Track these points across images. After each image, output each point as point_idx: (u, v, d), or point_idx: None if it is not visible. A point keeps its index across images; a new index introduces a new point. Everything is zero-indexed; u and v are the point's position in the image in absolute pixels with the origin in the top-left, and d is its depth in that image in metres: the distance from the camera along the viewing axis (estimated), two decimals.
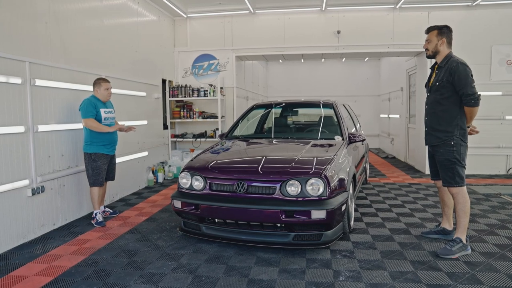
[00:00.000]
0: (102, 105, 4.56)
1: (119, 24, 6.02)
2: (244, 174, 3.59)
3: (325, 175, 3.41)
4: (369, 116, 13.06)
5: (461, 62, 3.34)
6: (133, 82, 6.33)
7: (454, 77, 3.30)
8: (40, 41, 4.23)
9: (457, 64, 3.31)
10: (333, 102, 5.15)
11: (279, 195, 3.40)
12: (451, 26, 3.54)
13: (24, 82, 3.92)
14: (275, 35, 8.00)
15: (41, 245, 3.84)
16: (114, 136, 4.67)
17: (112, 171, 4.83)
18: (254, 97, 10.87)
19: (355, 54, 8.54)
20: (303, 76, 13.58)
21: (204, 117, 8.16)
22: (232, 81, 8.33)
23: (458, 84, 3.29)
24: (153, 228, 4.35)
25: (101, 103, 4.56)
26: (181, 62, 8.42)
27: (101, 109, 4.49)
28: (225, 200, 3.52)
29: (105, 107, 4.60)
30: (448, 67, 3.37)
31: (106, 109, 4.59)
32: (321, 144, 4.42)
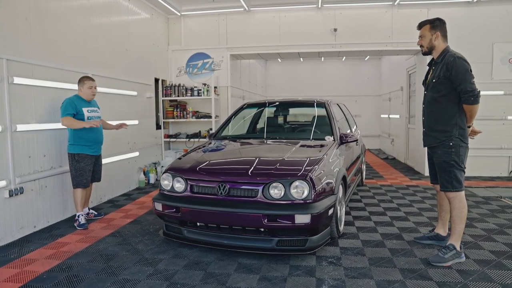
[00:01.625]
0: (86, 104, 4.41)
1: (108, 22, 5.88)
2: (226, 175, 3.42)
3: (311, 178, 3.24)
4: (370, 116, 12.86)
5: (458, 56, 3.12)
6: (123, 81, 6.19)
7: (452, 73, 3.08)
8: (20, 37, 4.09)
9: (454, 59, 3.10)
10: (325, 102, 4.98)
11: (262, 198, 3.24)
12: (451, 23, 3.35)
13: (1, 80, 3.79)
14: (271, 33, 7.83)
15: (18, 249, 3.70)
16: (98, 135, 4.50)
17: (98, 172, 4.67)
18: (251, 96, 10.71)
19: (352, 53, 8.36)
20: (303, 75, 13.40)
21: (198, 117, 8.01)
22: (227, 80, 8.17)
23: (455, 79, 3.07)
24: (136, 231, 4.20)
25: (84, 102, 4.41)
26: (175, 61, 8.27)
27: (83, 108, 4.34)
28: (206, 203, 3.36)
29: (89, 105, 4.46)
30: (445, 62, 3.16)
31: (89, 108, 4.44)
32: (311, 144, 4.25)
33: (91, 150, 4.39)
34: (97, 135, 4.48)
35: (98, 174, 4.69)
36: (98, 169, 4.66)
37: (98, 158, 4.63)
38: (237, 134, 5.16)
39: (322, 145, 4.17)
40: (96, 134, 4.47)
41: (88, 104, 4.46)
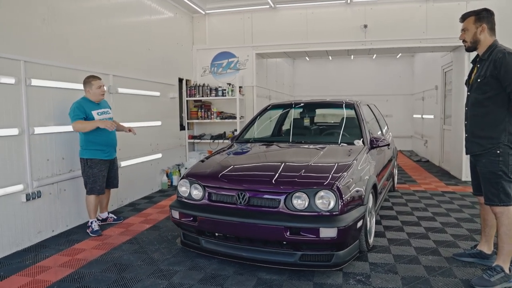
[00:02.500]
0: (95, 106, 4.19)
1: (130, 21, 5.78)
2: (246, 183, 3.19)
3: (338, 187, 2.96)
4: (401, 116, 12.31)
5: (509, 52, 2.71)
6: (145, 81, 6.07)
7: (500, 71, 2.70)
8: (38, 39, 4.01)
9: (504, 55, 2.70)
10: (354, 102, 4.66)
11: (284, 209, 2.99)
12: (498, 15, 2.96)
13: (18, 82, 3.71)
14: (297, 31, 7.54)
15: (33, 255, 3.62)
16: (111, 138, 4.29)
17: (114, 177, 4.48)
18: (278, 96, 10.44)
19: (383, 50, 7.95)
20: (331, 74, 12.99)
21: (223, 118, 7.82)
22: (252, 80, 7.94)
23: (505, 79, 2.68)
24: (154, 238, 4.04)
25: (93, 104, 4.19)
26: (199, 61, 8.13)
27: (93, 111, 4.14)
28: (224, 212, 3.14)
29: (99, 107, 4.23)
30: (492, 58, 2.77)
31: (99, 110, 4.21)
32: (339, 149, 3.96)
33: (104, 155, 4.20)
34: (109, 138, 4.27)
35: (115, 180, 4.50)
36: (114, 174, 4.46)
37: (113, 162, 4.42)
38: (260, 137, 4.92)
39: (351, 150, 3.87)
40: (109, 136, 4.26)
41: (97, 106, 4.24)
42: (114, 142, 4.37)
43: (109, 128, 4.06)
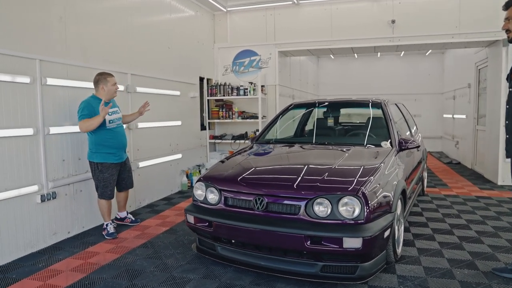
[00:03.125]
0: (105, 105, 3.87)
1: (149, 19, 5.69)
2: (263, 187, 2.99)
3: (363, 193, 2.72)
4: (430, 116, 11.81)
5: None
6: (165, 80, 5.97)
7: None
8: (54, 37, 3.95)
9: None
10: (381, 101, 4.38)
11: (305, 215, 2.77)
12: None
13: (34, 81, 3.64)
14: (322, 28, 7.28)
15: (47, 257, 3.54)
16: (121, 141, 4.10)
17: (127, 178, 4.30)
18: (302, 95, 10.18)
19: (412, 47, 7.56)
20: (357, 73, 12.60)
21: (244, 118, 7.66)
22: (275, 79, 7.73)
23: None
24: (170, 242, 3.91)
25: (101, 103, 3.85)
26: (221, 59, 7.98)
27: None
28: (240, 218, 2.95)
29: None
30: None
31: (110, 110, 3.95)
32: (365, 151, 3.71)
33: (115, 158, 4.01)
34: (120, 140, 4.08)
35: (129, 180, 4.32)
36: (127, 175, 4.27)
37: (125, 164, 4.22)
38: (281, 138, 4.72)
39: (378, 152, 3.61)
40: (119, 139, 4.07)
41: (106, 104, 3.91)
42: (124, 144, 4.18)
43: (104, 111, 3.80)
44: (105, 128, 3.91)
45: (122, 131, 4.18)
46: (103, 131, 3.91)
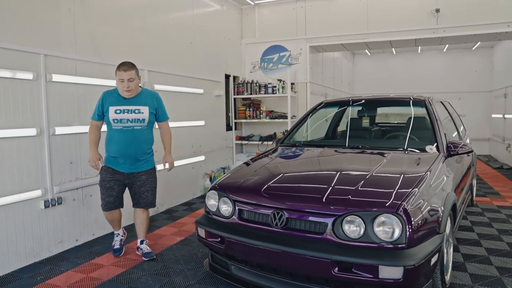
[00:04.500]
0: (119, 101, 3.27)
1: (170, 12, 5.35)
2: (283, 200, 2.53)
3: (404, 210, 2.20)
4: (476, 116, 10.84)
5: None
6: (187, 77, 5.61)
7: None
8: (62, 30, 3.67)
9: None
10: (425, 99, 3.80)
11: (332, 235, 2.29)
12: None
13: (37, 78, 3.37)
14: (356, 20, 6.69)
15: (48, 268, 3.25)
16: (123, 147, 3.26)
17: (139, 195, 3.39)
18: (335, 94, 9.59)
19: (459, 38, 6.79)
20: (395, 70, 11.81)
21: (272, 117, 7.19)
22: (306, 76, 7.22)
23: None
24: (182, 255, 3.52)
25: (119, 98, 3.29)
26: (248, 55, 7.56)
27: (111, 107, 3.24)
28: (255, 235, 2.51)
29: (123, 103, 3.27)
30: None
31: (121, 107, 3.25)
32: (406, 157, 3.16)
33: (114, 164, 3.32)
34: (121, 146, 3.26)
35: (141, 198, 3.40)
36: (137, 191, 3.38)
37: (134, 178, 3.35)
38: (310, 140, 4.23)
39: (423, 159, 3.05)
40: (121, 145, 3.26)
41: (124, 101, 3.28)
42: (126, 152, 3.28)
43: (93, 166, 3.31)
44: (110, 127, 3.32)
45: (133, 137, 3.28)
46: (109, 130, 3.34)
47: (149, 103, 3.36)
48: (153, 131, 3.48)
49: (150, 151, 3.46)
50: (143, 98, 3.36)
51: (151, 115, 3.36)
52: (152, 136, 3.47)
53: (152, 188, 3.46)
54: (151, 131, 3.46)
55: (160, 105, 3.47)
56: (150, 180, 3.43)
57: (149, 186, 3.42)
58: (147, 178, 3.40)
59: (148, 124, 3.36)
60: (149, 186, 3.42)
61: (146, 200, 3.42)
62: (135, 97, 3.33)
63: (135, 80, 3.25)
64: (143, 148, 3.36)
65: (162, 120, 3.53)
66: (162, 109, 3.51)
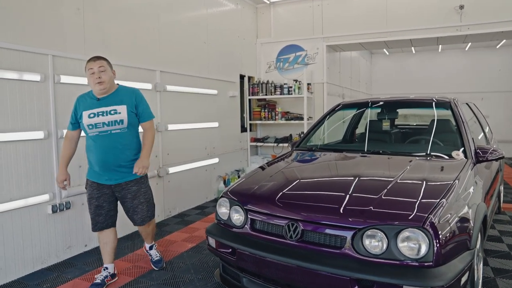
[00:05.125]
0: (92, 104, 2.84)
1: (182, 11, 5.22)
2: (298, 210, 2.36)
3: (431, 223, 2.00)
4: (500, 117, 10.40)
5: None
6: (200, 78, 5.49)
7: None
8: (70, 31, 3.58)
9: None
10: (450, 101, 3.57)
11: (351, 250, 2.10)
12: None
13: (45, 79, 3.29)
14: (375, 18, 6.46)
15: (55, 275, 3.16)
16: (101, 155, 2.81)
17: (134, 210, 2.96)
18: (353, 94, 9.35)
19: (485, 36, 6.48)
20: (415, 70, 11.47)
21: (288, 119, 7.01)
22: (322, 76, 7.02)
23: None
24: (192, 263, 3.39)
25: (92, 101, 2.85)
26: (264, 55, 7.40)
27: (84, 112, 2.83)
28: (268, 248, 2.34)
29: (97, 105, 2.82)
30: None
31: (95, 110, 2.81)
32: (431, 164, 2.94)
33: (93, 175, 2.91)
34: (98, 155, 2.82)
35: (134, 213, 2.97)
36: (130, 206, 2.94)
37: (124, 190, 2.91)
38: (326, 144, 4.04)
39: (449, 165, 2.84)
40: (98, 153, 2.83)
41: (96, 103, 2.83)
42: (105, 161, 2.82)
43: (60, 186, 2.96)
44: (87, 135, 2.90)
45: (111, 142, 2.83)
46: (87, 139, 2.93)
47: (127, 101, 2.88)
48: (138, 134, 3.03)
49: (137, 157, 2.94)
50: (119, 96, 2.90)
51: (130, 115, 2.87)
52: (138, 139, 3.01)
53: (147, 199, 3.01)
54: (136, 134, 2.99)
55: (140, 102, 2.95)
56: (143, 190, 2.98)
57: (142, 198, 2.96)
58: (139, 189, 2.95)
59: (129, 126, 2.88)
60: (143, 198, 2.97)
61: (142, 214, 2.98)
62: (110, 96, 2.88)
63: (107, 71, 2.82)
64: (126, 155, 2.88)
65: (145, 119, 2.98)
66: (143, 107, 2.97)
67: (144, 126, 3.01)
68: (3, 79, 3.00)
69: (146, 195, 3.01)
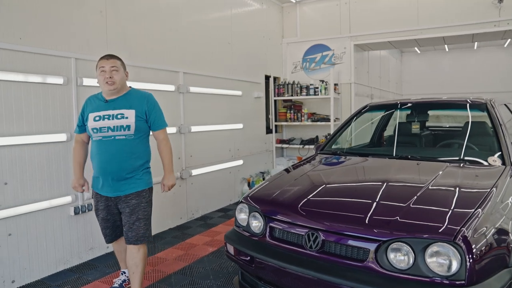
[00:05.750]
0: (100, 106, 2.60)
1: (206, 13, 5.18)
2: (318, 218, 2.24)
3: (464, 237, 1.84)
4: None
5: None
6: (224, 79, 5.44)
7: None
8: (93, 33, 3.59)
9: None
10: (486, 102, 3.33)
11: (375, 264, 1.96)
12: None
13: (68, 82, 3.31)
14: (405, 16, 6.19)
15: (77, 277, 3.18)
16: (104, 163, 2.55)
17: (127, 226, 2.59)
18: (382, 95, 9.07)
19: None
20: (448, 69, 11.01)
21: (314, 120, 6.86)
22: (350, 76, 6.82)
23: None
24: (212, 268, 3.32)
25: (99, 103, 2.62)
26: (290, 55, 7.27)
27: (90, 114, 2.59)
28: (287, 258, 2.23)
29: (101, 108, 2.59)
30: None
31: (101, 113, 2.57)
32: (464, 170, 2.75)
33: (97, 186, 2.67)
34: (102, 163, 2.56)
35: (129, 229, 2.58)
36: (126, 221, 2.59)
37: (123, 203, 2.59)
38: (352, 148, 3.89)
39: (485, 172, 2.64)
40: (102, 161, 2.56)
41: (104, 105, 2.60)
42: (110, 170, 2.54)
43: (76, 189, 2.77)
44: (92, 140, 2.66)
45: (114, 149, 2.54)
46: (92, 144, 2.68)
47: (136, 106, 2.60)
48: (148, 142, 2.73)
49: (144, 168, 2.66)
50: (129, 100, 2.61)
51: (139, 120, 2.58)
52: (146, 148, 2.70)
53: (146, 216, 2.63)
54: (144, 142, 2.67)
55: (153, 108, 2.66)
56: (143, 205, 2.61)
57: (141, 214, 2.59)
58: (139, 203, 2.59)
59: (136, 132, 2.58)
60: (142, 213, 2.59)
61: (137, 232, 2.57)
62: (119, 99, 2.61)
63: (119, 72, 2.58)
64: (130, 165, 2.56)
65: (157, 128, 2.70)
66: (156, 114, 2.68)
67: (157, 136, 2.73)
68: (27, 82, 3.04)
69: (145, 212, 2.63)
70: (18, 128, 3.02)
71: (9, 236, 2.99)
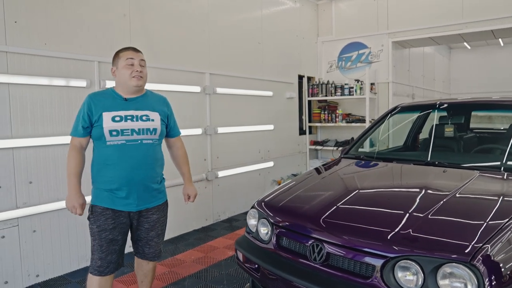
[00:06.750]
0: (115, 105, 2.22)
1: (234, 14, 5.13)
2: (323, 228, 2.10)
3: (484, 259, 1.63)
4: None
5: None
6: (253, 79, 5.36)
7: None
8: (117, 36, 3.65)
9: None
10: None
11: (380, 283, 1.80)
12: None
13: (91, 85, 3.39)
14: (448, 9, 5.78)
15: None
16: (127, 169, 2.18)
17: (144, 242, 2.36)
18: (426, 94, 8.57)
19: None
20: (504, 65, 10.20)
21: (349, 121, 6.61)
22: (387, 75, 6.49)
23: None
24: (228, 273, 3.27)
25: (117, 101, 2.24)
26: (325, 54, 7.06)
27: (105, 113, 2.18)
28: (291, 268, 2.12)
29: (122, 107, 2.22)
30: None
31: (122, 113, 2.20)
32: (499, 180, 2.47)
33: (113, 201, 2.20)
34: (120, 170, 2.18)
35: (146, 245, 2.37)
36: (144, 237, 2.34)
37: (142, 217, 2.30)
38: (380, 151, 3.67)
39: None
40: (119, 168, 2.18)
41: (124, 104, 2.24)
42: (138, 179, 2.21)
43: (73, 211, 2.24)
44: (103, 145, 2.22)
45: (142, 155, 2.23)
46: (102, 149, 2.24)
47: (159, 109, 2.35)
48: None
49: (163, 177, 2.43)
50: (149, 102, 2.33)
51: (162, 124, 2.35)
52: (163, 155, 2.43)
53: (163, 231, 2.44)
54: (160, 148, 2.41)
55: (172, 113, 2.48)
56: (162, 219, 2.40)
57: (160, 229, 2.38)
58: (159, 218, 2.36)
59: (159, 137, 2.35)
60: (160, 229, 2.39)
61: (155, 248, 2.39)
62: (140, 98, 2.30)
63: (145, 68, 2.31)
64: (156, 173, 2.33)
65: (175, 134, 2.51)
66: (174, 119, 2.49)
67: (175, 142, 2.52)
68: (52, 86, 3.15)
69: (164, 226, 2.44)
70: (43, 130, 3.14)
71: (34, 233, 3.12)
